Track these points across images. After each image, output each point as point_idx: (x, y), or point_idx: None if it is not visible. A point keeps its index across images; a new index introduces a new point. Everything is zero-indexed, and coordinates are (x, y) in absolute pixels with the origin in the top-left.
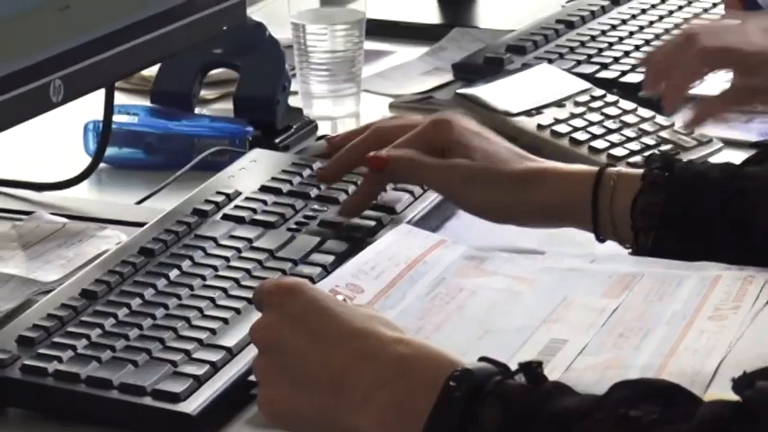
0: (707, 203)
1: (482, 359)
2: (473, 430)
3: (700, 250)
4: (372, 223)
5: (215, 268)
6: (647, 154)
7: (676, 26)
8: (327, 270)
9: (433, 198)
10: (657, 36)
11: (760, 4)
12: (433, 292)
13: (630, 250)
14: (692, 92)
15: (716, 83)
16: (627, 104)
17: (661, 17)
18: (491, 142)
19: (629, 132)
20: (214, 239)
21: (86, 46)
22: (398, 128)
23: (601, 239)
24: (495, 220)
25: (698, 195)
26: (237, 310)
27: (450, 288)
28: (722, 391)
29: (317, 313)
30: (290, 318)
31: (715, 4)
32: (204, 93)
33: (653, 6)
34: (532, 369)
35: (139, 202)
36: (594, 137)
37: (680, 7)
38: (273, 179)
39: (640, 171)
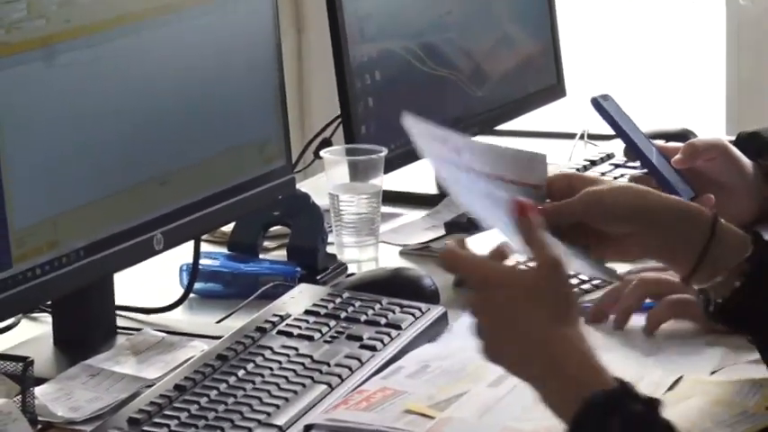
0: None
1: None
2: None
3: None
4: (385, 338)
5: (270, 369)
6: None
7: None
8: (352, 370)
9: (430, 317)
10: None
11: (679, 192)
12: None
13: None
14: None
15: None
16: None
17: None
18: None
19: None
20: (270, 348)
21: (180, 210)
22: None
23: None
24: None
25: None
26: (287, 399)
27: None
28: None
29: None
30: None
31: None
32: (266, 243)
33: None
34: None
35: (218, 322)
36: None
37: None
38: (314, 305)
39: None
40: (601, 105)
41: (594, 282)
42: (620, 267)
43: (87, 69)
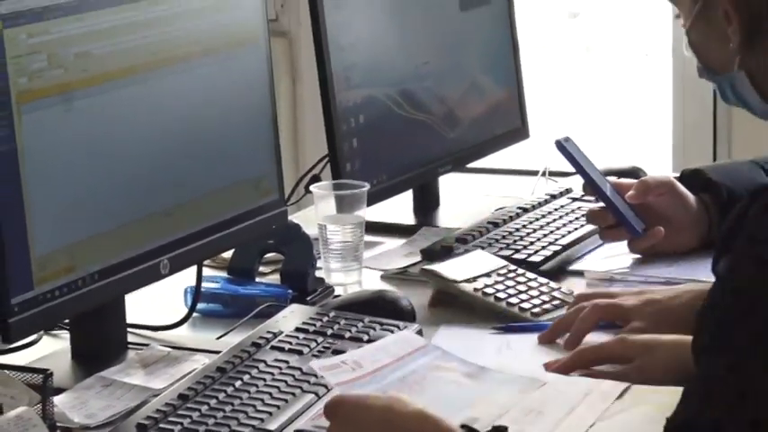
0: None
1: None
2: None
3: None
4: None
5: (264, 380)
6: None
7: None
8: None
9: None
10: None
11: (636, 230)
12: (406, 378)
13: None
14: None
15: None
16: (530, 275)
17: (548, 222)
18: None
19: (532, 293)
20: (264, 362)
21: (184, 238)
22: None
23: None
24: None
25: None
26: (278, 407)
27: (416, 376)
28: None
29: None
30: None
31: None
32: (262, 268)
33: (542, 216)
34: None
35: (218, 338)
36: (510, 296)
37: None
38: (304, 323)
39: None
40: (563, 146)
41: (554, 302)
42: (575, 288)
43: (101, 113)
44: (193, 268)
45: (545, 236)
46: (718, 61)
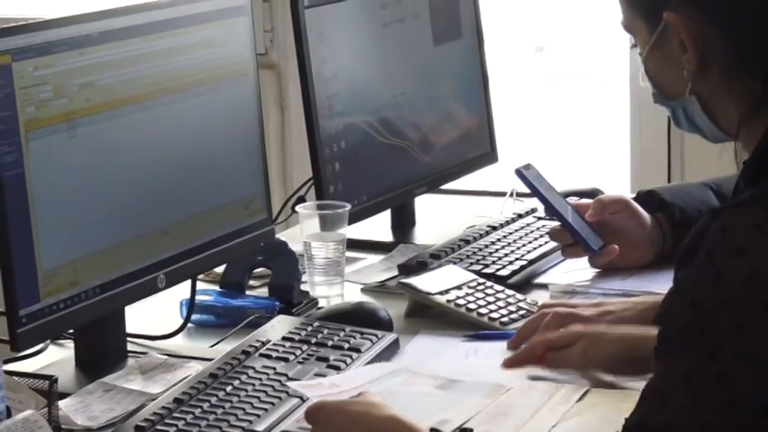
0: None
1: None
2: None
3: None
4: (348, 359)
5: (253, 385)
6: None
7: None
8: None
9: (384, 342)
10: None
11: (592, 248)
12: (380, 392)
13: None
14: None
15: None
16: (498, 288)
17: (515, 239)
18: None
19: (500, 304)
20: (253, 368)
21: (179, 255)
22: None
23: None
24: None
25: None
26: (266, 410)
27: (390, 390)
28: None
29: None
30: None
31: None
32: (251, 282)
33: (510, 234)
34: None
35: (211, 347)
36: (480, 307)
37: (527, 234)
38: (290, 333)
39: None
40: (523, 174)
41: (520, 312)
42: (540, 300)
43: (103, 140)
44: (188, 282)
45: (512, 252)
46: (673, 87)
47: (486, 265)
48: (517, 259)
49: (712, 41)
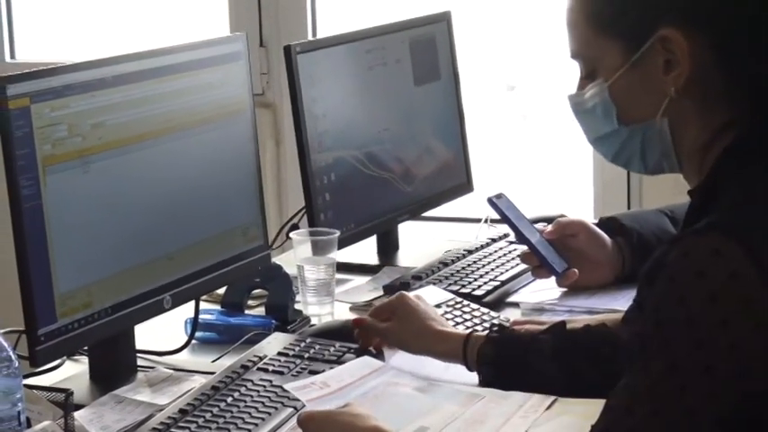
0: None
1: None
2: None
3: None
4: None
5: (251, 396)
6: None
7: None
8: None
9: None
10: (490, 270)
11: (556, 270)
12: (366, 393)
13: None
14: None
15: None
16: (474, 306)
17: (489, 261)
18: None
19: (475, 321)
20: (251, 381)
21: (184, 278)
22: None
23: (470, 369)
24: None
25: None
26: (263, 419)
27: (375, 392)
28: None
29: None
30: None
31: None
32: (250, 302)
33: (484, 257)
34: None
35: (213, 361)
36: (457, 324)
37: (500, 257)
38: (285, 348)
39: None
40: (494, 203)
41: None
42: (512, 317)
43: (114, 174)
44: (192, 303)
45: (486, 273)
46: (639, 110)
47: (463, 286)
48: (491, 280)
49: (704, 62)
